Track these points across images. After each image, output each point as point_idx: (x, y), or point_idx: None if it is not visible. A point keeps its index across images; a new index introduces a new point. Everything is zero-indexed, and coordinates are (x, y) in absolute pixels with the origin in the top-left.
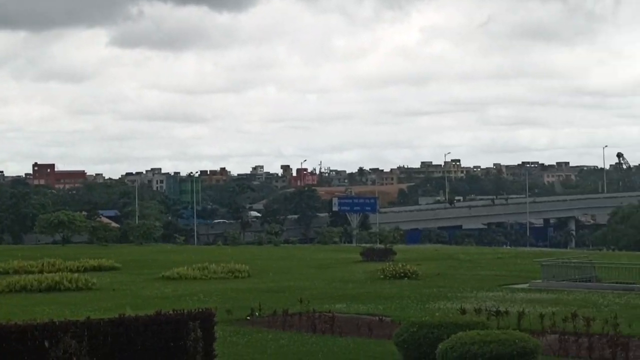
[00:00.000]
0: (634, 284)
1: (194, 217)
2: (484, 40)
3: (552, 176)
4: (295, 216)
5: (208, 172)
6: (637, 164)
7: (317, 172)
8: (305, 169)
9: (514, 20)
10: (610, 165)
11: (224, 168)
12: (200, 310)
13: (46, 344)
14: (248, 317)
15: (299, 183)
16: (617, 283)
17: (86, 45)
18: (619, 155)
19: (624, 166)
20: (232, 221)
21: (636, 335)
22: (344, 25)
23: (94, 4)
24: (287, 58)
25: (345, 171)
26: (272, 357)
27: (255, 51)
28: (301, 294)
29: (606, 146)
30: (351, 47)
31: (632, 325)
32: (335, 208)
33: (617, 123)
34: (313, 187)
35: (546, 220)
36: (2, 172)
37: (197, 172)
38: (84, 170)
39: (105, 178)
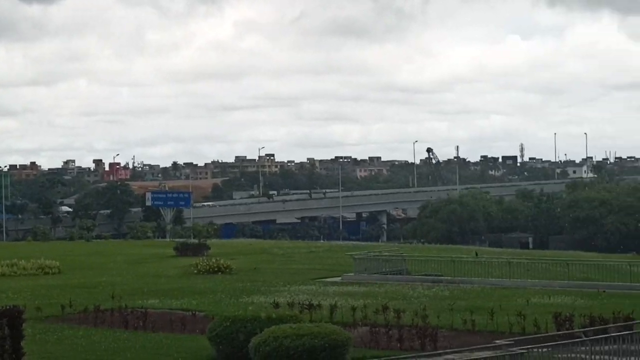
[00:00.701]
0: (441, 276)
1: (2, 213)
2: (297, 35)
3: (365, 171)
4: (108, 211)
5: (18, 167)
6: (446, 159)
7: (130, 166)
8: (118, 164)
9: (325, 17)
10: (421, 160)
11: (35, 162)
12: (7, 307)
13: None
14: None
15: (111, 178)
16: (426, 275)
17: None
18: (429, 150)
19: (434, 161)
20: (42, 216)
21: (444, 326)
22: (156, 19)
23: None
24: (98, 51)
25: (159, 165)
26: (82, 354)
27: (65, 44)
28: (113, 290)
29: (416, 141)
30: (164, 41)
31: (440, 316)
32: (148, 203)
33: (427, 119)
34: (126, 182)
35: (359, 214)
36: None
37: (6, 166)
38: None
39: None
